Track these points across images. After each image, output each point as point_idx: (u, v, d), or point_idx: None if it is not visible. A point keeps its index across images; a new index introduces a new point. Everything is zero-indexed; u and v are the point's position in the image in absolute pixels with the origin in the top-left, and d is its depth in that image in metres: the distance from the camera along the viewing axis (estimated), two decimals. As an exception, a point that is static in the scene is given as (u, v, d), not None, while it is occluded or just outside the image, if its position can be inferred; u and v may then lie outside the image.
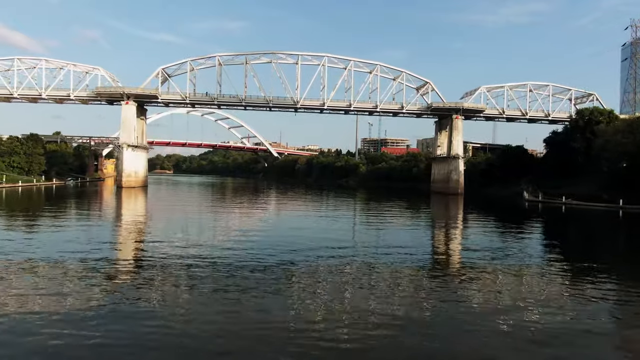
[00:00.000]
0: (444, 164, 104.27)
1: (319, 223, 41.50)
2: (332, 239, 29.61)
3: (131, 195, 77.79)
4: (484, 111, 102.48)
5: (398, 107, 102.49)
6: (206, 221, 42.64)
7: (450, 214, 59.05)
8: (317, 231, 34.05)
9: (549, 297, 16.66)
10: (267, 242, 27.64)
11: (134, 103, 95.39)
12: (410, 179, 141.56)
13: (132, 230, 34.52)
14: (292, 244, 26.93)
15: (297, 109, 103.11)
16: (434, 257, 26.02)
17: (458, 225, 44.92)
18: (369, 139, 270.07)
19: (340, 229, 38.08)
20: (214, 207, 61.17)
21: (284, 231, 35.08)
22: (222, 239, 29.85)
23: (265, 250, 24.22)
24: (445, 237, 36.19)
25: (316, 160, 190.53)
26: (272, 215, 52.07)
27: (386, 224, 42.82)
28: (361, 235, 35.51)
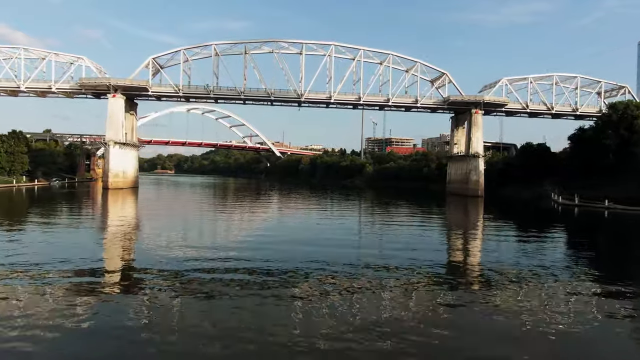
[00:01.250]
0: (462, 163, 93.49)
1: (325, 227, 37.81)
2: (340, 244, 27.24)
3: (118, 198, 67.74)
4: (506, 105, 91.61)
5: (412, 100, 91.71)
6: (198, 229, 36.24)
7: (470, 219, 51.50)
8: (323, 236, 30.96)
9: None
10: (268, 248, 24.62)
11: (122, 96, 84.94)
12: (420, 179, 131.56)
13: (108, 240, 28.79)
14: (295, 251, 24.25)
15: (301, 103, 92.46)
16: (456, 268, 22.13)
17: (484, 232, 38.05)
18: (374, 138, 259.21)
19: (348, 233, 34.68)
20: (210, 212, 52.34)
21: (287, 237, 30.87)
22: (217, 247, 25.17)
23: (266, 258, 21.53)
24: (470, 247, 30.39)
25: (320, 159, 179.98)
26: (274, 219, 46.43)
27: (399, 229, 37.85)
28: (371, 241, 31.84)
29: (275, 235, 31.60)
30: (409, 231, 36.51)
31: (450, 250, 28.49)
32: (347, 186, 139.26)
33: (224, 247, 24.87)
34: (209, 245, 26.13)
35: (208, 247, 25.27)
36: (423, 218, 50.22)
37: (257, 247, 24.92)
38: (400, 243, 28.46)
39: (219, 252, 23.16)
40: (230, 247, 25.33)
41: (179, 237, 29.33)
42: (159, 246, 24.71)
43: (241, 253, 22.95)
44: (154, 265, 19.28)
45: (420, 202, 79.23)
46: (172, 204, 63.05)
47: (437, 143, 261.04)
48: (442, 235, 37.24)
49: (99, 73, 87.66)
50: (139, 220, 41.34)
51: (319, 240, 28.51)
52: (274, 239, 28.61)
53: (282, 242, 27.45)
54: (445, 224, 47.16)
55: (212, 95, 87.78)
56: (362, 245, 29.81)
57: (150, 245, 25.42)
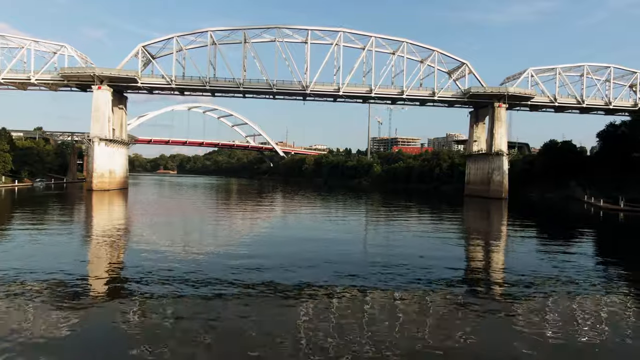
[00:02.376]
0: (483, 163, 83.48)
1: (332, 232, 33.33)
2: (348, 251, 24.28)
3: (102, 201, 58.67)
4: (532, 98, 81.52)
5: (428, 93, 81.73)
6: (190, 235, 30.36)
7: (495, 224, 44.91)
8: (330, 243, 27.24)
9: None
10: (269, 256, 21.41)
11: (108, 88, 75.41)
12: (431, 179, 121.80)
13: (78, 251, 23.55)
14: (300, 258, 21.08)
15: (307, 96, 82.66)
16: (482, 282, 18.10)
17: (513, 241, 31.98)
18: (379, 138, 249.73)
19: (357, 239, 31.22)
20: (205, 216, 44.61)
21: (291, 243, 27.16)
22: (212, 255, 22.07)
23: (267, 267, 18.94)
24: (496, 258, 25.14)
25: (325, 159, 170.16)
26: (277, 224, 40.14)
27: (413, 236, 32.74)
28: (382, 247, 27.38)
29: (278, 242, 27.57)
30: (425, 238, 31.56)
31: (472, 262, 24.05)
32: (353, 187, 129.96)
33: (221, 255, 21.98)
34: (202, 254, 22.16)
35: (202, 256, 21.56)
36: (439, 223, 43.25)
37: (256, 256, 21.75)
38: (415, 251, 24.82)
39: (215, 259, 20.75)
40: (228, 255, 21.92)
41: (166, 246, 23.96)
42: (139, 260, 19.92)
43: (239, 262, 19.99)
44: (133, 283, 16.11)
45: (435, 205, 70.12)
46: (163, 208, 53.60)
47: (444, 142, 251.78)
48: (462, 244, 31.21)
49: (84, 63, 78.16)
50: (119, 227, 33.67)
51: (325, 247, 25.24)
52: (276, 247, 25.33)
53: (285, 249, 24.50)
54: (466, 230, 39.59)
55: (209, 87, 78.05)
56: (372, 252, 25.84)
57: (130, 257, 21.44)
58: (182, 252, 22.55)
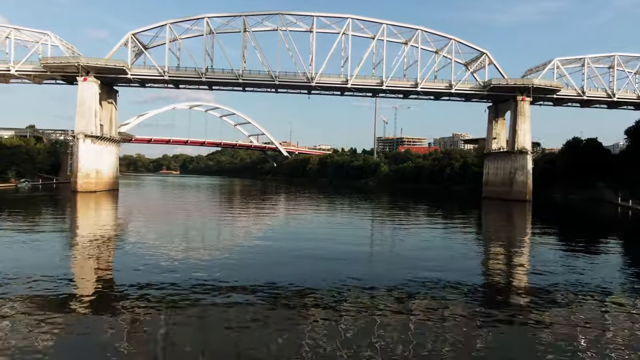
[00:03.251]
0: (504, 162, 75.31)
1: (339, 237, 29.17)
2: (356, 258, 21.71)
3: (86, 204, 51.50)
4: (559, 91, 73.29)
5: (445, 85, 73.66)
6: (182, 246, 24.54)
7: (521, 230, 39.03)
8: (338, 248, 23.91)
9: None
10: (271, 263, 19.63)
11: (96, 80, 67.79)
12: (442, 180, 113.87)
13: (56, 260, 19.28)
14: (304, 266, 19.23)
15: (312, 89, 74.73)
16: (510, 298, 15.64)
17: (544, 250, 26.59)
18: (384, 138, 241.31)
19: (367, 245, 27.68)
20: (202, 221, 38.82)
21: (295, 249, 23.56)
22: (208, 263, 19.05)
23: (269, 274, 17.09)
24: (526, 270, 20.50)
25: (330, 159, 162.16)
26: (280, 227, 35.89)
27: (426, 242, 28.50)
28: (393, 254, 23.84)
29: (281, 247, 24.44)
30: (445, 246, 27.34)
31: (500, 273, 20.41)
32: (360, 188, 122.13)
33: (215, 264, 18.91)
34: (195, 261, 19.43)
35: (195, 263, 18.90)
36: (459, 228, 38.00)
37: (257, 262, 19.49)
38: (430, 258, 21.76)
39: (209, 267, 18.13)
40: (225, 263, 19.17)
41: (149, 256, 20.41)
42: (122, 272, 17.38)
43: (235, 271, 17.50)
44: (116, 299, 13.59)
45: (452, 208, 62.59)
46: (152, 212, 46.24)
47: (450, 142, 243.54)
48: (486, 252, 26.51)
49: (71, 54, 70.49)
50: (101, 235, 28.06)
51: (333, 253, 22.61)
52: (279, 252, 22.53)
53: (289, 255, 21.89)
54: (491, 237, 34.06)
55: (205, 79, 70.24)
56: (382, 259, 22.90)
57: (109, 269, 18.38)
58: (171, 259, 19.60)
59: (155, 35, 71.32)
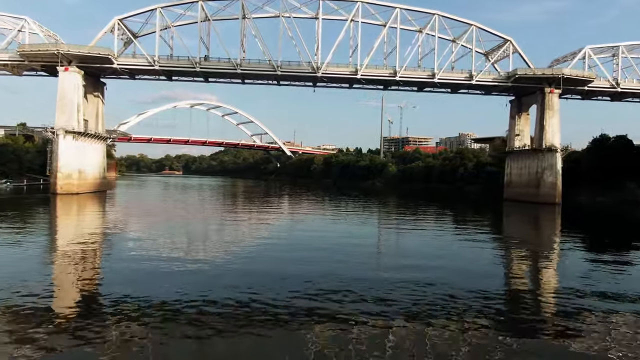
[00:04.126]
0: (530, 161, 67.03)
1: (347, 243, 24.75)
2: (366, 268, 18.44)
3: (66, 209, 43.98)
4: (591, 82, 64.93)
5: (465, 76, 65.43)
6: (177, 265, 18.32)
7: (552, 239, 32.09)
8: (345, 256, 20.46)
9: None
10: (273, 273, 16.49)
11: (79, 70, 60.07)
12: (454, 180, 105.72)
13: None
14: (309, 277, 15.95)
15: (317, 81, 66.68)
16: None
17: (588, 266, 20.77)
18: (390, 138, 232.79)
19: (376, 252, 24.27)
20: (196, 231, 31.75)
21: (299, 257, 20.14)
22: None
23: (270, 286, 14.51)
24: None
25: (335, 159, 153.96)
26: (283, 232, 30.33)
27: (443, 249, 24.01)
28: (407, 263, 19.40)
29: (283, 255, 20.62)
30: (461, 254, 23.07)
31: (529, 288, 16.41)
32: (366, 188, 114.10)
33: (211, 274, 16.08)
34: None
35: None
36: (478, 235, 31.92)
37: (258, 272, 16.69)
38: (448, 269, 18.18)
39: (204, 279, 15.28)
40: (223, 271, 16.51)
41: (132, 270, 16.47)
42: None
43: (236, 280, 15.10)
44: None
45: (468, 211, 55.60)
46: (143, 216, 38.96)
47: (456, 142, 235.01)
48: (518, 269, 20.80)
49: (52, 41, 62.74)
50: (76, 245, 22.67)
51: (340, 263, 18.92)
52: (281, 261, 19.05)
53: (292, 264, 18.41)
54: (523, 250, 26.29)
55: (199, 70, 62.30)
56: (394, 267, 18.60)
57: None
58: (154, 276, 15.80)
59: (145, 22, 63.64)
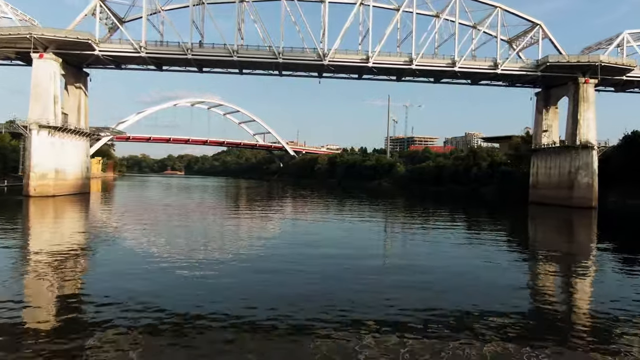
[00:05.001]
0: (561, 159, 58.93)
1: (357, 253, 21.28)
2: (379, 281, 15.43)
3: (38, 213, 37.90)
4: (631, 70, 56.77)
5: (489, 65, 57.41)
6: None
7: (596, 250, 26.13)
8: (354, 270, 17.30)
9: None
10: (274, 286, 14.43)
11: (56, 58, 52.52)
12: (468, 181, 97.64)
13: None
14: (314, 290, 13.95)
15: (324, 70, 58.80)
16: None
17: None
18: (395, 137, 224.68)
19: (391, 264, 20.02)
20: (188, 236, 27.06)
21: (302, 268, 17.15)
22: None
23: (270, 301, 12.56)
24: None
25: (340, 158, 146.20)
26: (285, 241, 24.49)
27: (462, 258, 20.83)
28: (422, 276, 16.56)
29: (285, 266, 17.36)
30: (483, 268, 18.66)
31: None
32: (373, 189, 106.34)
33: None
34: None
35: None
36: (504, 244, 27.39)
37: (255, 287, 14.24)
38: (468, 286, 15.11)
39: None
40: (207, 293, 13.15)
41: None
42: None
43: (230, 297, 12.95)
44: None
45: (488, 216, 48.14)
46: (126, 222, 32.15)
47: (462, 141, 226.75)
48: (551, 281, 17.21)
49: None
50: (45, 255, 18.82)
51: (347, 274, 16.43)
52: (282, 273, 16.25)
53: (295, 276, 15.83)
54: (552, 257, 22.32)
55: (191, 57, 54.52)
56: (409, 280, 15.69)
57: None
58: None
59: (132, 5, 56.02)
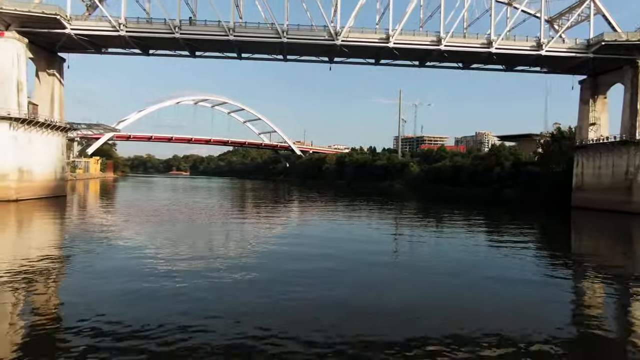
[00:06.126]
0: (614, 156, 48.83)
1: (372, 266, 17.30)
2: (400, 306, 11.99)
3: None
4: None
5: (531, 45, 47.54)
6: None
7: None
8: (370, 289, 13.87)
9: None
10: (276, 307, 11.62)
11: (21, 38, 43.58)
12: (489, 182, 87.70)
13: None
14: (323, 308, 11.53)
15: (335, 54, 49.20)
16: None
17: None
18: (404, 137, 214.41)
19: (416, 286, 14.80)
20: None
21: (310, 285, 13.97)
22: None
23: (269, 322, 10.32)
24: None
25: (349, 158, 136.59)
26: (290, 253, 19.91)
27: (499, 274, 16.84)
28: (453, 295, 13.68)
29: (290, 287, 13.63)
30: (520, 277, 16.11)
31: None
32: (385, 190, 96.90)
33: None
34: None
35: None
36: (545, 255, 22.20)
37: (253, 308, 11.41)
38: (506, 313, 11.95)
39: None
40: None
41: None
42: None
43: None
44: None
45: (523, 223, 38.68)
46: (104, 232, 23.73)
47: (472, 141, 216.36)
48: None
49: None
50: None
51: (362, 293, 13.26)
52: (287, 292, 12.94)
53: (301, 295, 12.73)
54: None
55: (179, 36, 45.19)
56: (438, 302, 12.83)
57: None
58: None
59: (112, -23, 46.88)
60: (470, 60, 51.26)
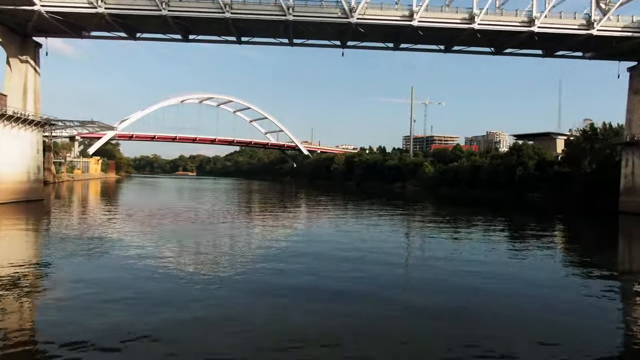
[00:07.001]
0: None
1: (388, 282, 14.37)
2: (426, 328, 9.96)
3: None
4: None
5: (580, 24, 39.74)
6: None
7: None
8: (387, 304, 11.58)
9: None
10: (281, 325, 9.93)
11: (-16, 16, 36.83)
12: (512, 184, 79.87)
13: None
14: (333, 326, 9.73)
15: (349, 35, 41.70)
16: None
17: None
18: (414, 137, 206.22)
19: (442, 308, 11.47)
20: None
21: (319, 302, 11.91)
22: None
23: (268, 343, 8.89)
24: None
25: (358, 158, 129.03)
26: (296, 267, 16.07)
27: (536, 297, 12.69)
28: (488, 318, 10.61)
29: (298, 302, 11.91)
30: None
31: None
32: (397, 193, 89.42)
33: None
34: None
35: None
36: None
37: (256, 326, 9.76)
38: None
39: None
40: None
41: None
42: None
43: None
44: None
45: (566, 231, 33.84)
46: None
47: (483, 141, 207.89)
48: None
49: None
50: None
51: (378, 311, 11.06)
52: (294, 309, 11.32)
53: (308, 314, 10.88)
54: None
55: (167, 13, 38.08)
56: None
57: None
58: None
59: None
60: (504, 42, 43.35)
